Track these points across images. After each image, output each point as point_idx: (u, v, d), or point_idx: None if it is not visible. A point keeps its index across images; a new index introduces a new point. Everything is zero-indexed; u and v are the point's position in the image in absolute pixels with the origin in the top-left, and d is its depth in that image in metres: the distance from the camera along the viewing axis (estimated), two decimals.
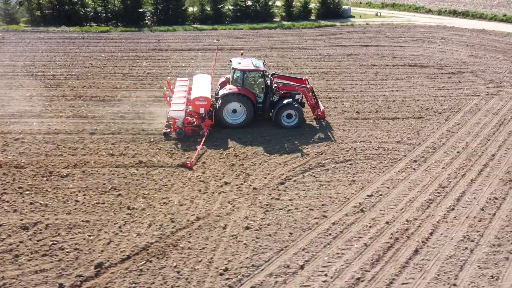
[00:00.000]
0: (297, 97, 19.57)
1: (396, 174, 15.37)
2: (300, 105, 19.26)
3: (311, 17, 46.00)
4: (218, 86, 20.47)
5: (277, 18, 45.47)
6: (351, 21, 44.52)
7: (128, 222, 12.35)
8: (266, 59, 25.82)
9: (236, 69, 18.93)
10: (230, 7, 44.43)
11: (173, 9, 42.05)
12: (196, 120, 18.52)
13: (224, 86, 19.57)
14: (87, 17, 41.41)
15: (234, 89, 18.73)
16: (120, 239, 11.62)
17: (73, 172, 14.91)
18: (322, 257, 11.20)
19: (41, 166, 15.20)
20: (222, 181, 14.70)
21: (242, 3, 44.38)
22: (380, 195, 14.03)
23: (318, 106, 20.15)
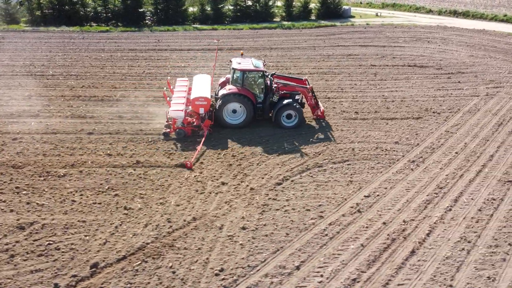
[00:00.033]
0: (297, 98, 19.54)
1: (394, 175, 15.33)
2: (300, 106, 19.23)
3: (311, 17, 45.92)
4: (218, 86, 20.46)
5: (277, 18, 45.41)
6: (351, 21, 44.43)
7: (125, 222, 12.34)
8: (266, 59, 25.74)
9: (236, 69, 18.91)
10: (230, 7, 44.41)
11: (173, 9, 42.03)
12: (196, 120, 18.50)
13: (224, 86, 19.55)
14: (87, 17, 41.43)
15: (234, 89, 18.71)
16: (116, 239, 11.62)
17: (71, 172, 14.91)
18: (318, 258, 11.18)
19: (39, 166, 15.20)
20: (220, 181, 14.69)
21: (242, 3, 44.33)
22: (378, 196, 14.00)
23: (318, 107, 20.12)
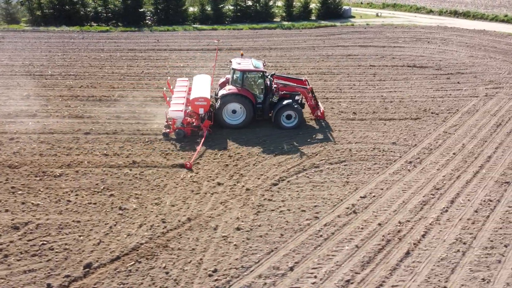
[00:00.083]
0: (297, 98, 19.50)
1: (391, 176, 15.28)
2: (300, 106, 19.19)
3: (312, 18, 45.91)
4: (218, 87, 20.43)
5: (278, 18, 45.41)
6: (352, 22, 44.38)
7: (119, 223, 12.32)
8: (265, 60, 25.73)
9: (236, 70, 18.88)
10: (231, 7, 44.44)
11: (174, 9, 42.10)
12: (196, 121, 18.46)
13: (224, 87, 19.52)
14: (88, 17, 41.53)
15: (234, 90, 18.67)
16: (110, 240, 11.60)
17: (67, 172, 14.90)
18: (312, 259, 11.13)
19: (35, 166, 15.20)
20: (215, 182, 14.65)
21: (243, 3, 44.35)
22: (374, 197, 13.95)
23: (318, 107, 20.07)
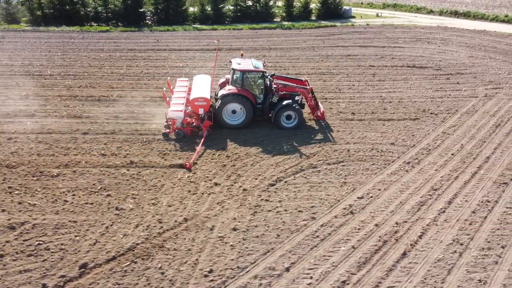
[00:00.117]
0: (297, 98, 19.47)
1: (389, 176, 15.24)
2: (300, 106, 19.15)
3: (312, 18, 45.84)
4: (218, 87, 20.40)
5: (278, 19, 45.37)
6: (352, 22, 44.32)
7: (116, 223, 12.31)
8: (265, 60, 25.69)
9: (236, 70, 18.86)
10: (231, 7, 44.41)
11: (174, 9, 42.04)
12: (195, 121, 18.42)
13: (224, 87, 19.49)
14: (88, 17, 41.54)
15: (234, 90, 18.65)
16: (106, 240, 11.59)
17: (64, 172, 14.89)
18: (309, 260, 11.11)
19: (32, 166, 15.20)
20: (213, 182, 14.63)
21: (243, 3, 44.31)
22: (371, 197, 13.92)
23: (318, 107, 20.04)
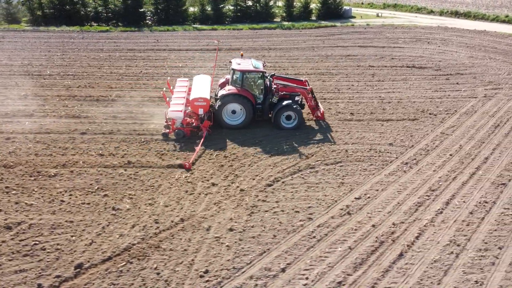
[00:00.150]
0: (297, 99, 19.45)
1: (386, 177, 15.20)
2: (300, 107, 19.11)
3: (312, 18, 45.85)
4: (218, 87, 20.39)
5: (278, 19, 45.36)
6: (352, 22, 44.28)
7: (112, 223, 12.29)
8: (264, 60, 25.66)
9: (236, 70, 18.84)
10: (231, 8, 44.41)
11: (174, 9, 42.11)
12: (195, 121, 18.39)
13: (224, 87, 19.48)
14: (88, 17, 41.60)
15: (233, 90, 18.63)
16: (103, 240, 11.57)
17: (61, 172, 14.89)
18: (305, 260, 11.08)
19: (30, 166, 15.19)
20: (210, 182, 14.61)
21: (243, 4, 44.32)
22: (368, 198, 13.88)
23: (318, 108, 20.01)
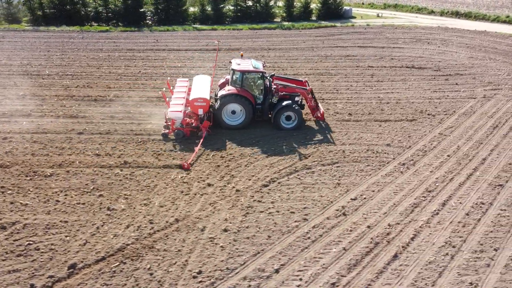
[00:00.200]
0: (297, 99, 19.41)
1: (383, 178, 15.15)
2: (300, 107, 19.07)
3: (312, 18, 45.79)
4: (218, 87, 20.36)
5: (278, 19, 45.32)
6: (352, 22, 44.21)
7: (107, 223, 12.28)
8: (263, 60, 25.63)
9: (235, 70, 18.81)
10: (231, 8, 44.40)
11: (174, 9, 42.14)
12: (195, 121, 18.35)
13: (224, 87, 19.45)
14: (88, 17, 41.65)
15: (233, 90, 18.60)
16: (97, 240, 11.56)
17: (57, 172, 14.88)
18: (299, 261, 11.04)
19: (26, 166, 15.19)
20: (206, 183, 14.58)
21: (243, 4, 44.30)
22: (364, 199, 13.83)
23: (318, 108, 19.98)
